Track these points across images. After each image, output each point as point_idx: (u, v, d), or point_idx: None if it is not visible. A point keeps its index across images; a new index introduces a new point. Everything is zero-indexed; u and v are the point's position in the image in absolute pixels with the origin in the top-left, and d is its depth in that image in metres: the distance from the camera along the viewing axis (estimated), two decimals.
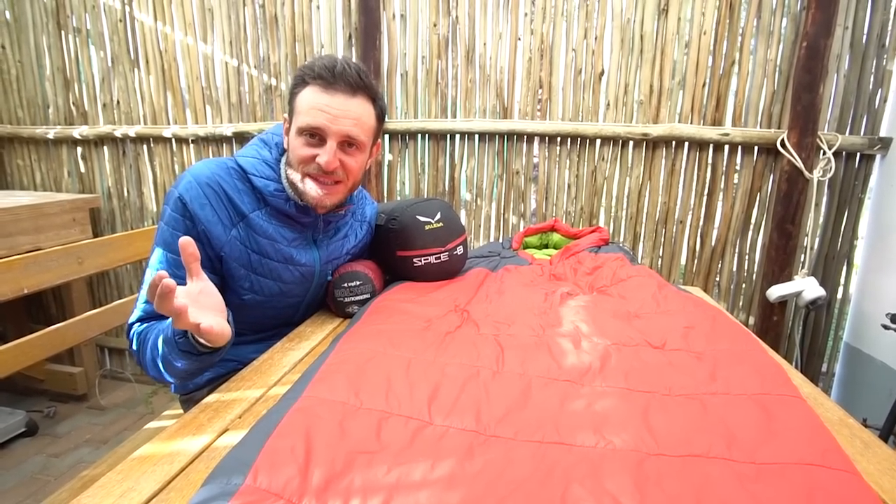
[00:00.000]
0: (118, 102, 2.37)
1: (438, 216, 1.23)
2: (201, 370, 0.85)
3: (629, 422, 0.64)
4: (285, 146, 1.02)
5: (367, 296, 1.11)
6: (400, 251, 1.21)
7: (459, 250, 1.26)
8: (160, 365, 0.85)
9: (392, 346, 0.80)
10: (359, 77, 0.93)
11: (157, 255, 0.94)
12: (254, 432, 0.56)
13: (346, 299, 1.09)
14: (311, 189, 0.96)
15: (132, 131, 2.34)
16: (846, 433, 0.69)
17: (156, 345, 0.83)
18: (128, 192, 2.47)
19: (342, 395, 0.64)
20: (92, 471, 1.07)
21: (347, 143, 0.96)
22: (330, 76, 0.91)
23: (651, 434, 0.61)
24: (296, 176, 0.97)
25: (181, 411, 1.33)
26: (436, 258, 1.22)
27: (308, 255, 1.07)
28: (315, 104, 0.92)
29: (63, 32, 2.37)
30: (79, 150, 2.49)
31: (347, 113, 0.93)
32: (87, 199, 2.34)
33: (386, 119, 2.03)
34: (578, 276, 1.25)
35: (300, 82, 0.94)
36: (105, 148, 2.45)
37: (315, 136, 0.93)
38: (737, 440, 0.59)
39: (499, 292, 1.14)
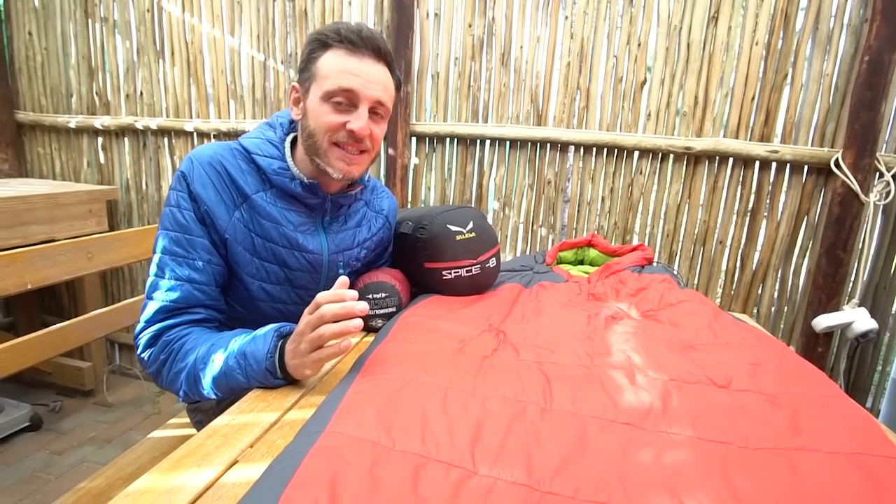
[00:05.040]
0: (141, 94, 2.33)
1: (471, 226, 1.15)
2: (247, 390, 0.78)
3: (707, 481, 0.54)
4: (295, 116, 0.94)
5: (394, 309, 1.02)
6: (428, 262, 1.13)
7: (492, 263, 1.17)
8: (205, 377, 0.79)
9: (425, 373, 0.71)
10: (383, 43, 0.90)
11: (161, 239, 0.88)
12: (268, 477, 0.48)
13: (371, 312, 1.00)
14: (337, 160, 0.90)
15: (154, 123, 2.29)
16: None
17: (206, 357, 0.79)
18: (146, 185, 2.42)
19: (372, 433, 0.55)
20: (88, 483, 1.00)
21: (374, 111, 0.90)
22: (358, 39, 0.86)
23: (736, 499, 0.51)
24: (321, 146, 0.89)
25: (188, 420, 1.26)
26: (466, 271, 1.13)
27: (315, 242, 0.99)
28: (345, 67, 0.86)
29: (90, 21, 2.34)
30: (99, 140, 2.45)
31: (377, 78, 0.88)
32: (105, 191, 2.29)
33: (414, 121, 1.98)
34: (621, 298, 1.15)
35: (319, 46, 0.88)
36: (126, 139, 2.41)
37: (343, 101, 0.87)
38: None
39: (536, 312, 1.04)
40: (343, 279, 0.76)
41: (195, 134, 2.27)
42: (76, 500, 0.95)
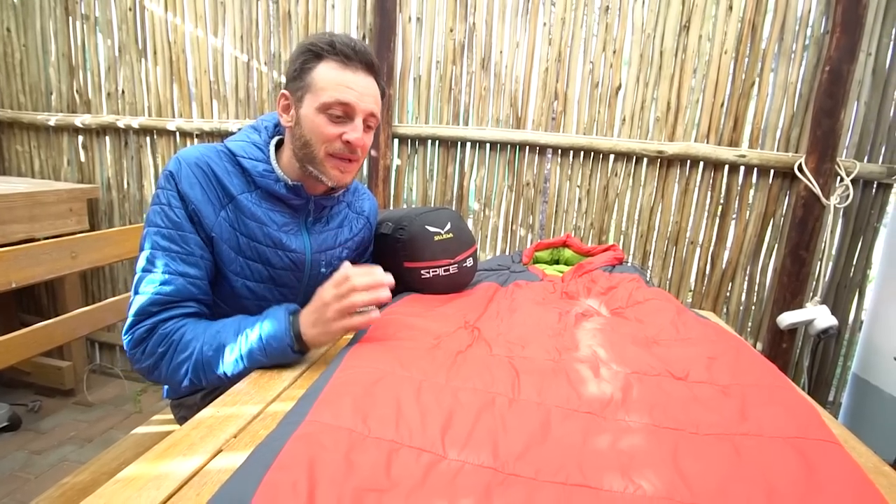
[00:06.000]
0: (123, 92, 2.33)
1: (448, 226, 1.19)
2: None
3: (658, 464, 0.59)
4: (285, 123, 0.97)
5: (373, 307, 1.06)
6: (407, 262, 1.17)
7: (469, 262, 1.22)
8: (222, 360, 0.83)
9: (401, 366, 0.75)
10: (374, 57, 0.95)
11: (152, 236, 0.90)
12: (251, 462, 0.51)
13: None
14: (332, 169, 0.95)
15: (136, 122, 2.29)
16: (884, 483, 0.65)
17: (215, 342, 0.84)
18: (128, 184, 2.42)
19: (348, 422, 0.59)
20: (73, 478, 1.02)
21: (366, 122, 0.95)
22: (352, 52, 0.91)
23: (682, 479, 0.56)
24: (317, 156, 0.94)
25: (171, 416, 1.28)
26: (444, 270, 1.17)
27: (298, 241, 1.03)
28: (341, 80, 0.90)
29: (70, 18, 2.33)
30: (80, 138, 2.44)
31: (370, 91, 0.94)
32: (86, 190, 2.28)
33: (396, 122, 2.02)
34: (592, 296, 1.20)
35: (312, 56, 0.91)
36: (107, 138, 2.40)
37: (340, 114, 0.91)
38: (777, 492, 0.54)
39: (510, 309, 1.09)
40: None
41: (178, 133, 2.28)
42: (61, 495, 0.97)
